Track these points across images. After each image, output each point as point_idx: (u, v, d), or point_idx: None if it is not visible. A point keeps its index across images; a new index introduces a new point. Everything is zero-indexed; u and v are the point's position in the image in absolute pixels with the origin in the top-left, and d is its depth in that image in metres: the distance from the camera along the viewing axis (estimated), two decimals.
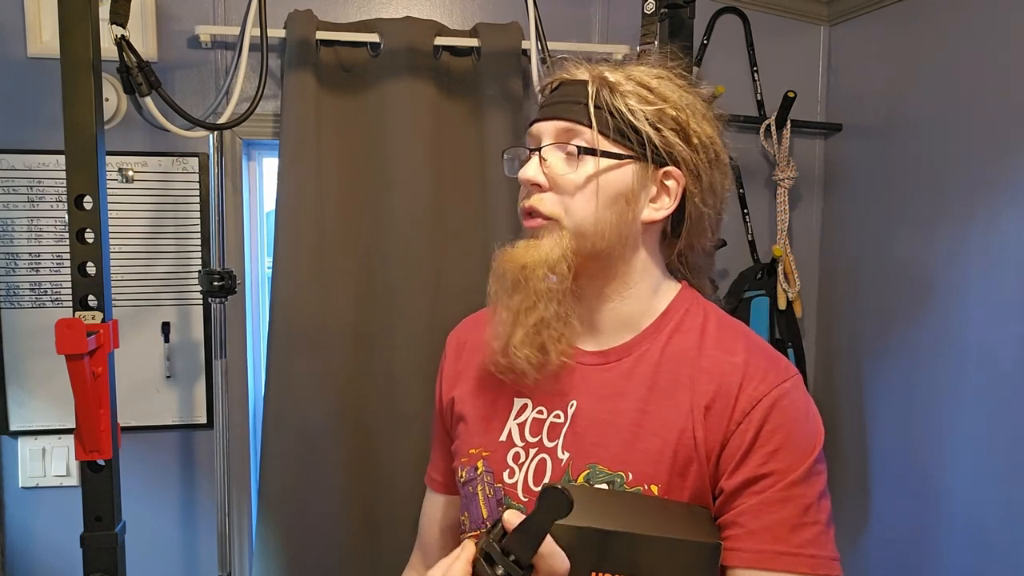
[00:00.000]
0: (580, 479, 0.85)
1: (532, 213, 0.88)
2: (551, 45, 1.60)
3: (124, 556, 1.25)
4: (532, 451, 0.90)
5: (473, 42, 1.62)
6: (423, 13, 1.68)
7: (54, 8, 1.17)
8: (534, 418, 0.91)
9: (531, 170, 0.87)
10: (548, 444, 0.89)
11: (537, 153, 0.88)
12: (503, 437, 0.92)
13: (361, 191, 1.64)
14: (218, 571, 1.62)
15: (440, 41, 1.61)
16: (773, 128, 1.82)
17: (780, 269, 1.84)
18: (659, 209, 0.88)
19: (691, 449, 0.82)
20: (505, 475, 0.90)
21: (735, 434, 0.81)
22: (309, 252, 1.59)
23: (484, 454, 0.93)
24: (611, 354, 0.90)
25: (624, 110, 0.85)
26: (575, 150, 0.85)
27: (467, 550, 0.76)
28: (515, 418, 0.93)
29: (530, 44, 1.59)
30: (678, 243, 0.93)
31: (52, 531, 1.64)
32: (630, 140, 0.85)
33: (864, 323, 1.79)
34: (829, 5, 1.87)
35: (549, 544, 0.73)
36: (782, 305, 1.85)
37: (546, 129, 0.88)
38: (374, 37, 1.60)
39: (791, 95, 1.77)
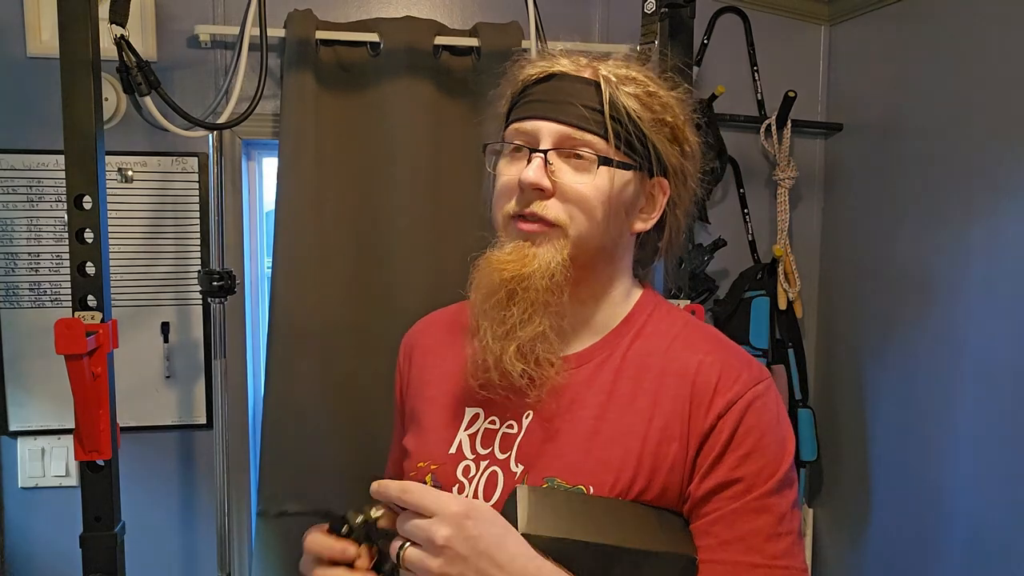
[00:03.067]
0: None
1: (532, 218, 0.82)
2: (551, 45, 1.60)
3: (123, 556, 1.25)
4: (483, 464, 0.85)
5: (473, 42, 1.62)
6: (423, 13, 1.68)
7: (54, 8, 1.17)
8: (486, 428, 0.87)
9: (534, 173, 0.80)
10: (500, 456, 0.84)
11: (541, 156, 0.81)
12: (452, 449, 0.88)
13: (361, 191, 1.64)
14: (218, 571, 1.62)
15: (440, 41, 1.61)
16: (773, 128, 1.82)
17: (780, 269, 1.84)
18: (647, 220, 0.87)
19: (655, 456, 0.79)
20: (455, 490, 0.85)
21: (710, 436, 0.79)
22: (309, 252, 1.59)
23: (433, 467, 0.88)
24: (571, 360, 0.86)
25: (637, 120, 0.81)
26: (592, 159, 0.80)
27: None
28: (466, 429, 0.88)
29: (530, 44, 1.59)
30: (647, 248, 0.92)
31: (51, 531, 1.64)
32: (637, 153, 0.82)
33: (864, 323, 1.79)
34: (829, 5, 1.87)
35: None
36: (782, 305, 1.85)
37: (546, 131, 0.81)
38: (374, 37, 1.59)
39: (791, 95, 1.77)
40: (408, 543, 0.72)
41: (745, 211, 1.90)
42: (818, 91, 1.91)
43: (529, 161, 0.81)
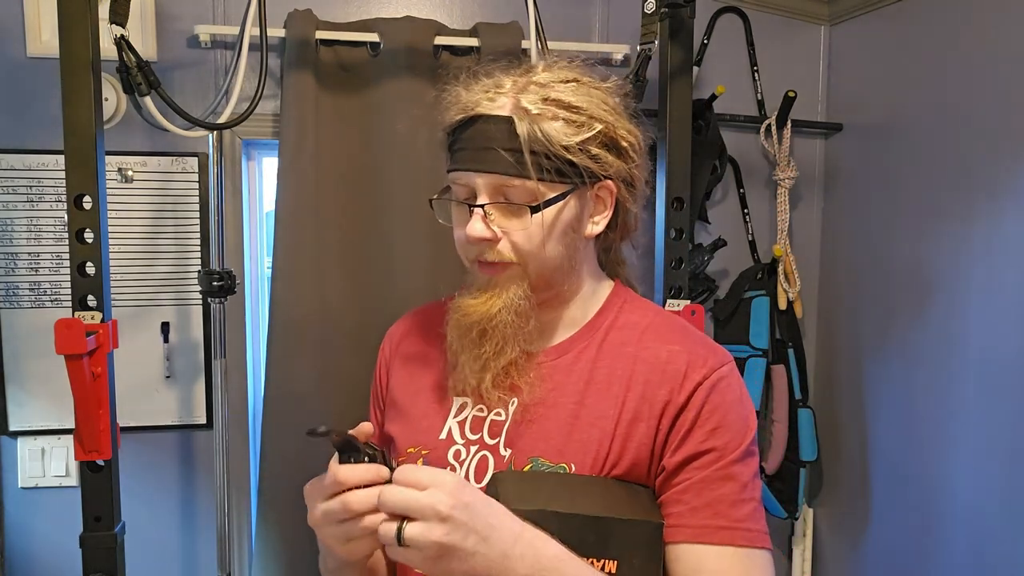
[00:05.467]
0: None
1: (488, 263, 0.89)
2: (551, 45, 1.60)
3: (123, 556, 1.25)
4: (473, 448, 0.92)
5: (473, 42, 1.62)
6: (423, 12, 1.68)
7: (54, 8, 1.17)
8: (474, 416, 0.94)
9: (479, 228, 0.86)
10: (489, 441, 0.91)
11: (479, 210, 0.86)
12: (443, 435, 0.94)
13: (361, 191, 1.64)
14: (218, 571, 1.62)
15: (440, 41, 1.61)
16: (773, 128, 1.82)
17: (780, 269, 1.84)
18: (599, 222, 0.93)
19: (625, 436, 0.87)
20: None
21: (681, 414, 0.86)
22: (309, 252, 1.59)
23: (424, 452, 0.94)
24: (550, 352, 0.94)
25: (559, 148, 0.84)
26: (524, 208, 0.85)
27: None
28: (455, 416, 0.95)
29: (530, 44, 1.59)
30: (609, 238, 0.98)
31: (51, 531, 1.64)
32: (567, 175, 0.86)
33: (864, 323, 1.79)
34: (829, 5, 1.87)
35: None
36: (782, 305, 1.85)
37: (479, 183, 0.86)
38: (374, 37, 1.59)
39: (791, 95, 1.77)
40: (405, 521, 0.73)
41: (745, 211, 1.90)
42: (818, 91, 1.91)
43: (471, 214, 0.87)
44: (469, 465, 0.91)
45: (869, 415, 1.77)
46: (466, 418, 0.94)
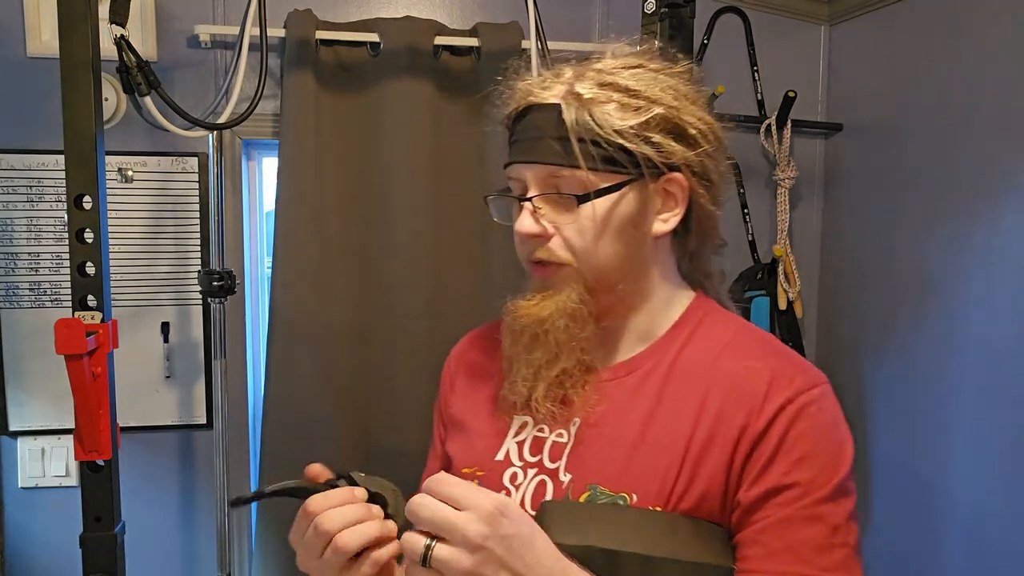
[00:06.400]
0: (581, 500, 0.80)
1: (541, 263, 0.83)
2: (551, 45, 1.60)
3: (123, 556, 1.25)
4: (531, 472, 0.84)
5: (473, 42, 1.62)
6: (423, 12, 1.68)
7: (54, 8, 1.17)
8: (535, 436, 0.86)
9: (527, 224, 0.81)
10: (549, 465, 0.83)
11: (528, 204, 0.81)
12: (500, 456, 0.87)
13: (361, 191, 1.64)
14: (218, 571, 1.62)
15: (440, 41, 1.61)
16: (773, 128, 1.82)
17: (780, 269, 1.84)
18: (668, 220, 0.83)
19: (696, 462, 0.77)
20: None
21: (760, 442, 0.76)
22: (309, 252, 1.59)
23: (479, 474, 0.87)
24: (619, 369, 0.86)
25: (610, 133, 0.78)
26: (572, 199, 0.80)
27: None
28: (514, 436, 0.88)
29: (530, 44, 1.59)
30: (688, 243, 0.88)
31: (51, 531, 1.64)
32: (623, 165, 0.79)
33: (865, 323, 1.79)
34: (829, 5, 1.87)
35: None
36: (782, 305, 1.84)
37: (529, 175, 0.82)
38: (374, 37, 1.60)
39: (791, 95, 1.77)
40: (435, 541, 0.68)
41: (745, 211, 1.90)
42: (818, 91, 1.91)
43: (522, 209, 0.82)
44: (526, 490, 0.83)
45: (869, 415, 1.77)
46: (525, 439, 0.86)
